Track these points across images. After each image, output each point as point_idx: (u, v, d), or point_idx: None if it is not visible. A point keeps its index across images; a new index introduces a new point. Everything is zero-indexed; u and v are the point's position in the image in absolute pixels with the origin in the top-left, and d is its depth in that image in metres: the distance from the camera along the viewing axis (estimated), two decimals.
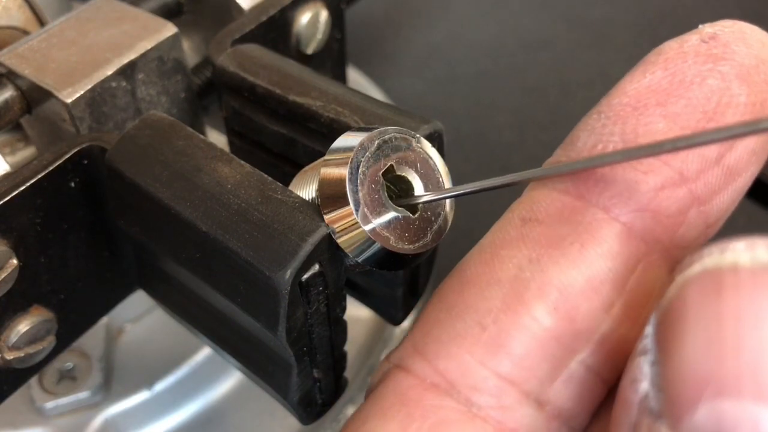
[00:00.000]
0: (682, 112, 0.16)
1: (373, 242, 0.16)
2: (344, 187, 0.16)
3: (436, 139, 0.19)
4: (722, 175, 0.16)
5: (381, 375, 0.18)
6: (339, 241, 0.16)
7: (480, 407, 0.16)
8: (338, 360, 0.20)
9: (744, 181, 0.17)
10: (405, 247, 0.17)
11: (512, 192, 0.18)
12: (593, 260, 0.16)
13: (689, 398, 0.12)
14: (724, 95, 0.16)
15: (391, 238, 0.16)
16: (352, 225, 0.16)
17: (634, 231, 0.16)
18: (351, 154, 0.16)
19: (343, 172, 0.16)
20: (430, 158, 0.18)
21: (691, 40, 0.17)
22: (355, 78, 0.43)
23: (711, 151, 0.16)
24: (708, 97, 0.16)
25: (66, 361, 0.30)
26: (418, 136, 0.17)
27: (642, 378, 0.13)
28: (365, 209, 0.16)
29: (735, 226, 0.18)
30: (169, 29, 0.23)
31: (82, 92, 0.21)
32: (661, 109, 0.17)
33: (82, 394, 0.29)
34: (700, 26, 0.18)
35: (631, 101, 0.17)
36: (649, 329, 0.13)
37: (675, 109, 0.16)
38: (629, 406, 0.13)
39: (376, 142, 0.17)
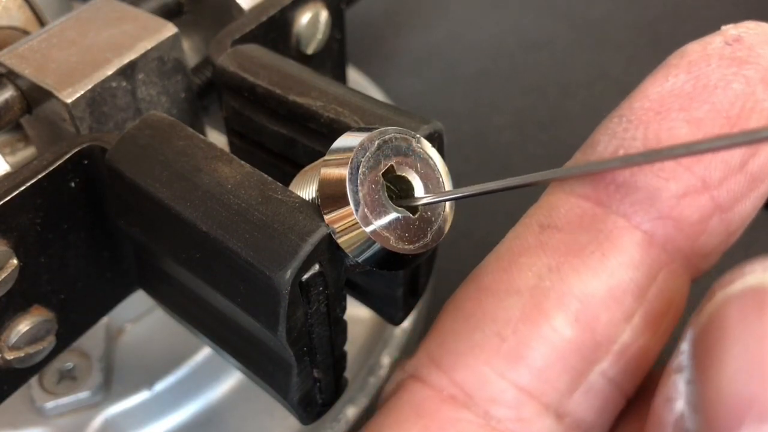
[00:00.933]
0: (706, 118, 0.16)
1: (373, 242, 0.16)
2: (344, 187, 0.16)
3: (436, 139, 0.19)
4: (745, 182, 0.16)
5: (395, 385, 0.17)
6: (339, 241, 0.16)
7: (499, 420, 0.16)
8: (338, 360, 0.20)
9: (766, 187, 0.17)
10: (405, 247, 0.17)
11: (513, 193, 0.18)
12: (615, 269, 0.16)
13: (730, 421, 0.11)
14: (748, 100, 0.16)
15: (391, 238, 0.16)
16: (352, 225, 0.16)
17: (655, 239, 0.16)
18: (351, 155, 0.16)
19: (343, 172, 0.16)
20: (431, 158, 0.18)
21: (714, 42, 0.17)
22: (355, 78, 0.43)
23: (734, 157, 0.16)
24: (732, 102, 0.16)
25: (66, 361, 0.30)
26: (418, 136, 0.17)
27: (677, 396, 0.13)
28: (365, 209, 0.16)
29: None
30: (169, 29, 0.23)
31: (82, 92, 0.21)
32: (685, 113, 0.16)
33: (82, 394, 0.29)
34: (723, 27, 0.17)
35: (654, 105, 0.17)
36: (684, 346, 0.13)
37: (698, 114, 0.16)
38: (663, 426, 0.13)
39: (376, 143, 0.17)
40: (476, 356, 0.16)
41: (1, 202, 0.19)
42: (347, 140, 0.17)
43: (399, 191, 0.17)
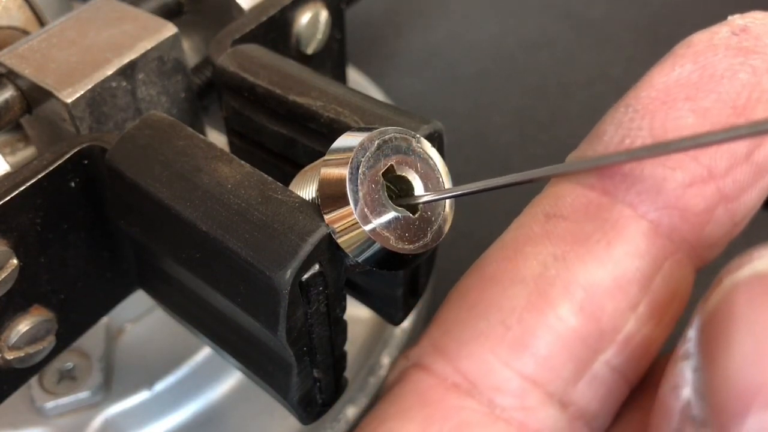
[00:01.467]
0: (712, 107, 0.16)
1: (373, 242, 0.16)
2: (344, 187, 0.16)
3: (436, 139, 0.19)
4: (751, 173, 0.16)
5: (398, 373, 0.17)
6: (339, 241, 0.16)
7: (503, 408, 0.16)
8: (338, 360, 0.20)
9: None
10: (405, 247, 0.17)
11: (513, 192, 0.18)
12: (620, 259, 0.16)
13: (737, 408, 0.11)
14: (755, 90, 0.16)
15: (391, 238, 0.16)
16: (352, 225, 0.16)
17: (660, 229, 0.16)
18: (351, 154, 0.16)
19: (343, 172, 0.16)
20: (430, 158, 0.18)
21: (721, 32, 0.17)
22: (355, 78, 0.43)
23: (740, 147, 0.16)
24: (739, 92, 0.16)
25: (66, 361, 0.30)
26: (418, 136, 0.17)
27: (684, 384, 0.13)
28: (365, 209, 0.16)
29: None
30: (169, 29, 0.23)
31: (82, 92, 0.21)
32: (691, 103, 0.16)
33: (82, 394, 0.29)
34: (730, 17, 0.17)
35: (660, 95, 0.16)
36: (691, 333, 0.13)
37: (705, 103, 0.16)
38: (670, 414, 0.13)
39: (376, 142, 0.17)
40: (481, 345, 0.16)
41: (1, 202, 0.19)
42: (347, 140, 0.17)
43: (399, 191, 0.17)
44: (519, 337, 0.16)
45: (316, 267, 0.16)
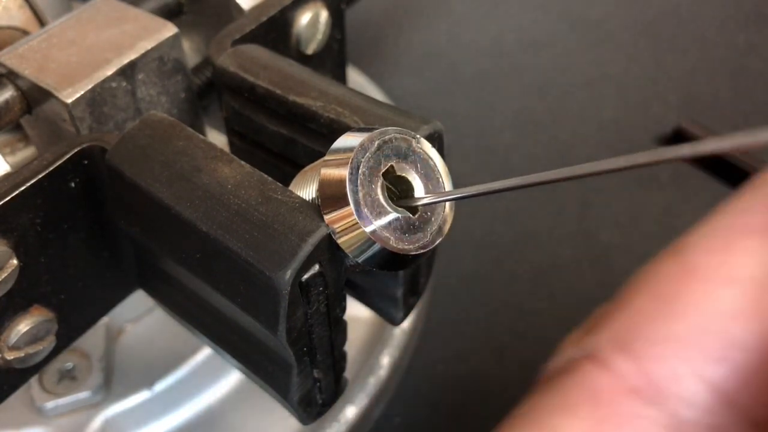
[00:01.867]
0: None
1: (373, 243, 0.16)
2: (344, 187, 0.16)
3: (436, 140, 0.19)
4: None
5: (566, 362, 0.15)
6: (339, 241, 0.16)
7: (689, 423, 0.14)
8: (338, 360, 0.20)
9: None
10: (405, 247, 0.17)
11: (513, 192, 0.18)
12: None
13: None
14: None
15: (391, 238, 0.16)
16: (352, 225, 0.16)
17: None
18: (351, 155, 0.16)
19: (344, 172, 0.16)
20: (431, 159, 0.18)
21: None
22: (355, 78, 0.43)
23: None
24: None
25: (66, 361, 0.30)
26: (418, 136, 0.17)
27: None
28: (365, 210, 0.16)
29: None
30: (169, 29, 0.23)
31: (82, 92, 0.21)
32: None
33: (82, 394, 0.29)
34: None
35: None
36: None
37: None
38: None
39: (377, 143, 0.17)
40: (673, 348, 0.14)
41: (1, 202, 0.19)
42: (347, 140, 0.17)
43: (399, 191, 0.17)
44: (723, 349, 0.14)
45: (316, 267, 0.16)
